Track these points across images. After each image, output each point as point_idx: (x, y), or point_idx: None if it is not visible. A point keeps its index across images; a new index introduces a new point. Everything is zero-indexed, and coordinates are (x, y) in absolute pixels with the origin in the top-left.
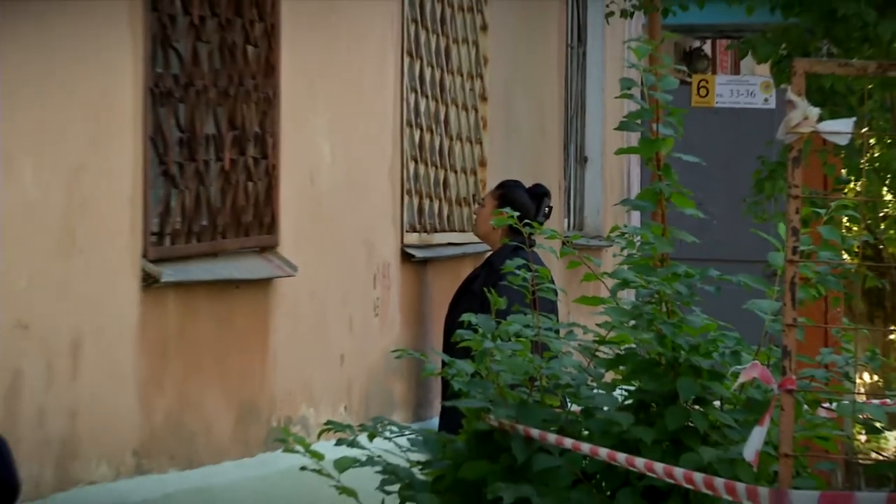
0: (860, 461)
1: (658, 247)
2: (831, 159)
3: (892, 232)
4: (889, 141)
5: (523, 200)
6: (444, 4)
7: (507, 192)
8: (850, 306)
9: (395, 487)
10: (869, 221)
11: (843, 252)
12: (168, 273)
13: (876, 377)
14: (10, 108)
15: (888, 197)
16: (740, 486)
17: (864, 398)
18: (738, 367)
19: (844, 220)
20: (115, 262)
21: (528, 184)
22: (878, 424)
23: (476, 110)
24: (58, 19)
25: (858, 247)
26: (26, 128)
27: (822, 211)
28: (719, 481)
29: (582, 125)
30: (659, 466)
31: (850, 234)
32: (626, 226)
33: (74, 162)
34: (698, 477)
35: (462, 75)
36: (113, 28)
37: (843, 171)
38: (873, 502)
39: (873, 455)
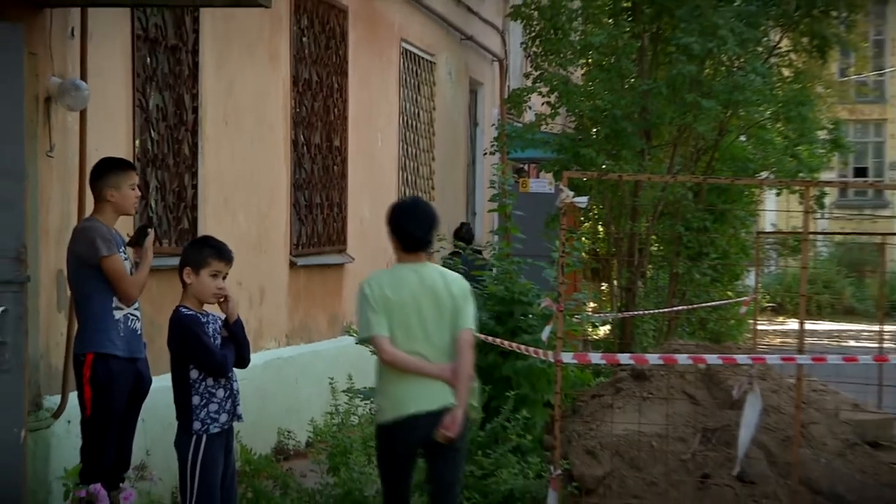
0: (589, 339)
1: (503, 250)
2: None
3: (603, 244)
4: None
5: (463, 233)
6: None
7: (458, 229)
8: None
9: None
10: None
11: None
12: (299, 262)
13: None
14: (220, 169)
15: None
16: (541, 351)
17: (590, 312)
18: (539, 300)
19: (583, 238)
20: (278, 256)
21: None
22: (596, 324)
23: (433, 190)
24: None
25: (586, 251)
26: (236, 182)
27: (575, 234)
28: (532, 349)
29: (473, 195)
30: (507, 342)
31: (582, 244)
32: (489, 242)
33: (262, 208)
34: (524, 347)
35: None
36: None
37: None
38: (597, 358)
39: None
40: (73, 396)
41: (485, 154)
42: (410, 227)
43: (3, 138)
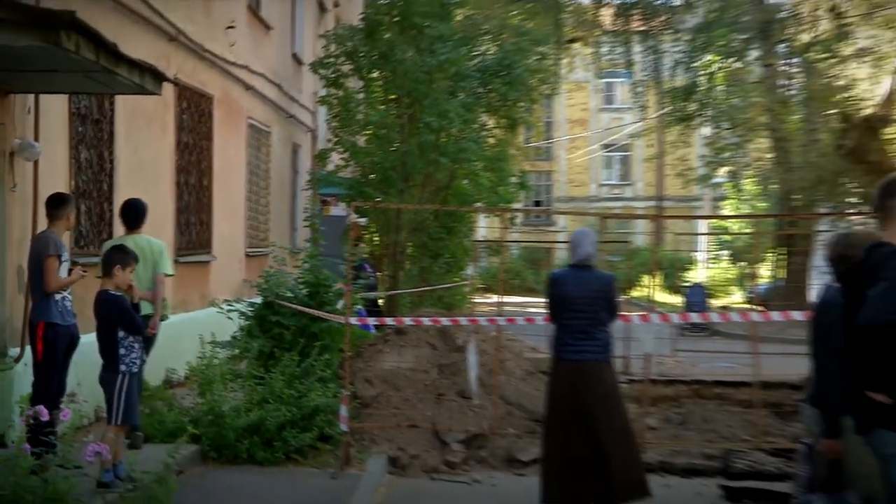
0: (376, 309)
1: (313, 251)
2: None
3: (377, 248)
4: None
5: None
6: None
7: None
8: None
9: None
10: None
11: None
12: (181, 260)
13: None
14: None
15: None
16: (337, 316)
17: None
18: (336, 286)
19: (364, 245)
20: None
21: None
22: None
23: (269, 213)
24: None
25: (366, 253)
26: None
27: (359, 242)
28: (331, 315)
29: (295, 217)
30: (316, 311)
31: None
32: (306, 249)
33: (157, 226)
34: (326, 313)
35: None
36: None
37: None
38: (372, 321)
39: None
40: (28, 349)
41: (302, 191)
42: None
43: None
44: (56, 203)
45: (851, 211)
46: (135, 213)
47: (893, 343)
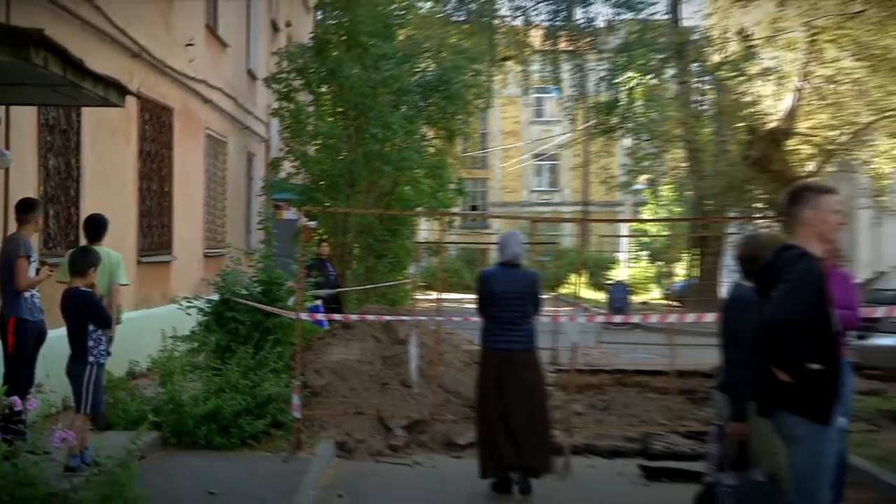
0: (336, 305)
1: (266, 252)
2: (309, 232)
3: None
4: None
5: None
6: None
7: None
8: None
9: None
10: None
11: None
12: (143, 260)
13: None
14: (94, 205)
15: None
16: (288, 311)
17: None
18: (288, 284)
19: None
20: (131, 257)
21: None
22: (318, 295)
23: (225, 217)
24: None
25: (316, 254)
26: (104, 213)
27: (309, 243)
28: (284, 311)
29: (250, 220)
30: (269, 308)
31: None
32: (260, 250)
33: (121, 229)
34: (279, 309)
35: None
36: None
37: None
38: (321, 317)
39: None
40: None
41: (257, 196)
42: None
43: None
44: (25, 207)
45: (758, 215)
46: (97, 227)
47: (790, 340)
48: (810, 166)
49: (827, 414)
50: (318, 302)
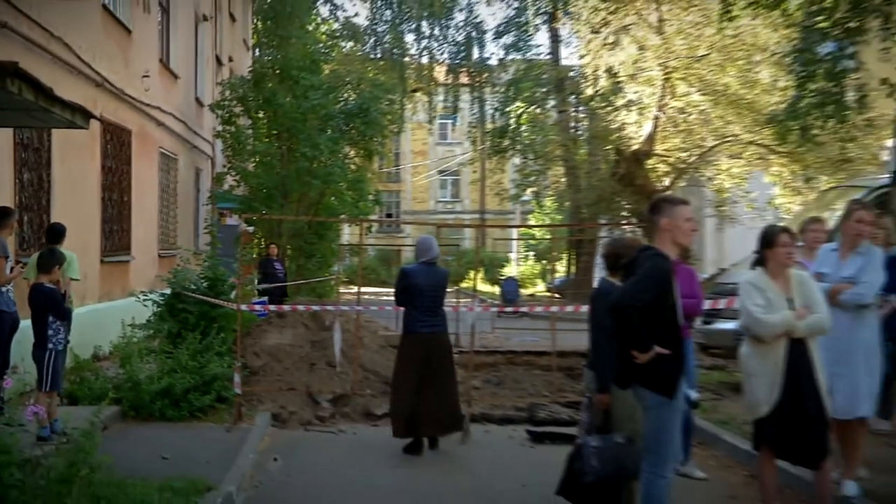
0: (283, 298)
1: (211, 253)
2: (248, 236)
3: (264, 251)
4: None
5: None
6: None
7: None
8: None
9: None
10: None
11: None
12: (106, 259)
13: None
14: (62, 213)
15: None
16: (230, 303)
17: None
18: (230, 280)
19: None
20: (95, 257)
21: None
22: (257, 290)
23: (177, 223)
24: None
25: (255, 254)
26: (73, 219)
27: (249, 245)
28: (227, 302)
29: (198, 226)
30: (214, 300)
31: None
32: (206, 251)
33: (86, 233)
34: (222, 301)
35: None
36: None
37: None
38: (259, 307)
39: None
40: None
41: (204, 205)
42: (49, 235)
43: None
44: (2, 214)
45: (624, 222)
46: (57, 234)
47: (629, 319)
48: (666, 182)
49: (673, 388)
50: (265, 298)
